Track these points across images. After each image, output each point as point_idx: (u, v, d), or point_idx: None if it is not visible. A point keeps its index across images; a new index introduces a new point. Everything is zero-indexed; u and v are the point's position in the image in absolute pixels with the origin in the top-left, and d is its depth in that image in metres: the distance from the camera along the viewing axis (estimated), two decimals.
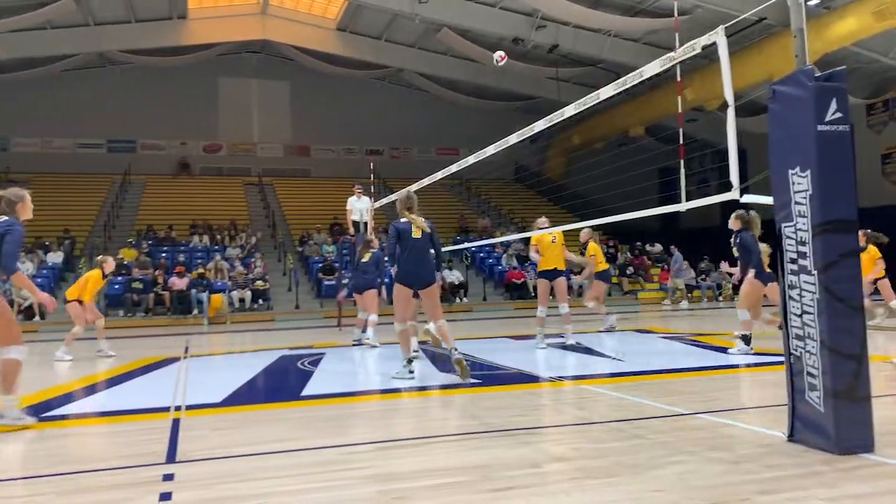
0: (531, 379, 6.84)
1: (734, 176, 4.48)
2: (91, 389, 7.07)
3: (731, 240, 8.15)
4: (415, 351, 7.57)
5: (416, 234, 6.65)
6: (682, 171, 5.24)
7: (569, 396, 5.97)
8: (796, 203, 3.73)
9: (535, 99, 30.54)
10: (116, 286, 19.27)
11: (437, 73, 30.02)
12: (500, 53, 9.84)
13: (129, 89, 29.63)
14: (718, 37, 4.55)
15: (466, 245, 19.54)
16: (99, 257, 10.95)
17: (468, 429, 4.72)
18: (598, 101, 6.05)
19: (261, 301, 19.93)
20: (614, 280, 23.88)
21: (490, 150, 7.79)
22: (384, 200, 13.91)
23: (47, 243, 21.99)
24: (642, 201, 8.31)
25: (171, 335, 14.53)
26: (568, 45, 25.00)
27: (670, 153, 23.68)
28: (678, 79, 5.64)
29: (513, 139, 7.33)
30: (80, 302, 10.21)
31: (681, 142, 5.49)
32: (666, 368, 7.45)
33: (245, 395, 6.41)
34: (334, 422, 5.21)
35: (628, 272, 24.51)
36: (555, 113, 6.69)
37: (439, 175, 9.75)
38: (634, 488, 3.21)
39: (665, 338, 10.70)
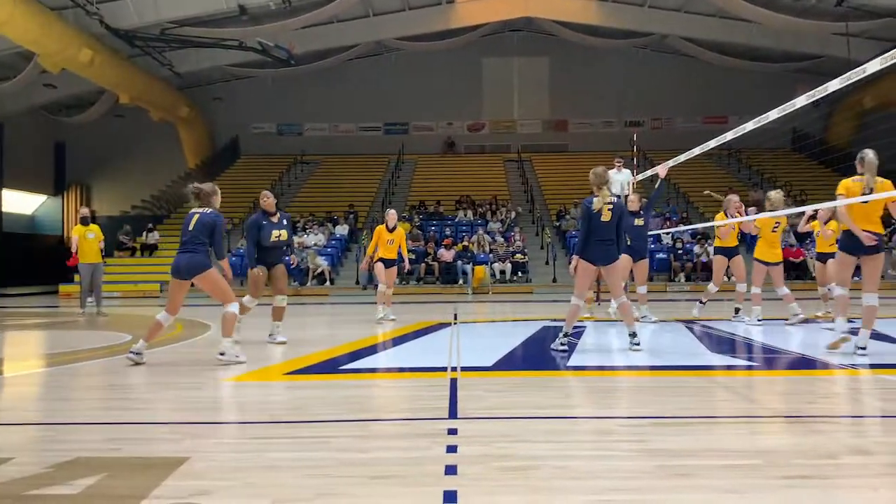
0: (818, 364, 6.24)
1: None
2: (377, 348, 7.80)
3: None
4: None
5: (606, 217, 6.73)
6: None
7: (865, 386, 5.36)
8: None
9: (818, 58, 27.56)
10: None
11: (704, 36, 28.33)
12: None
13: (401, 75, 31.89)
14: None
15: (736, 220, 18.28)
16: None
17: (748, 412, 4.47)
18: None
19: (520, 273, 20.51)
20: None
21: (773, 114, 7.15)
22: (648, 173, 13.48)
23: (335, 217, 24.52)
24: None
25: (440, 302, 15.53)
26: None
27: None
28: None
29: (800, 101, 6.66)
30: (381, 260, 10.64)
31: None
32: None
33: (513, 361, 6.67)
34: (603, 393, 5.21)
35: None
36: (853, 71, 5.96)
37: (712, 143, 9.19)
38: None
39: None
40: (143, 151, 31.58)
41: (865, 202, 6.23)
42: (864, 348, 6.35)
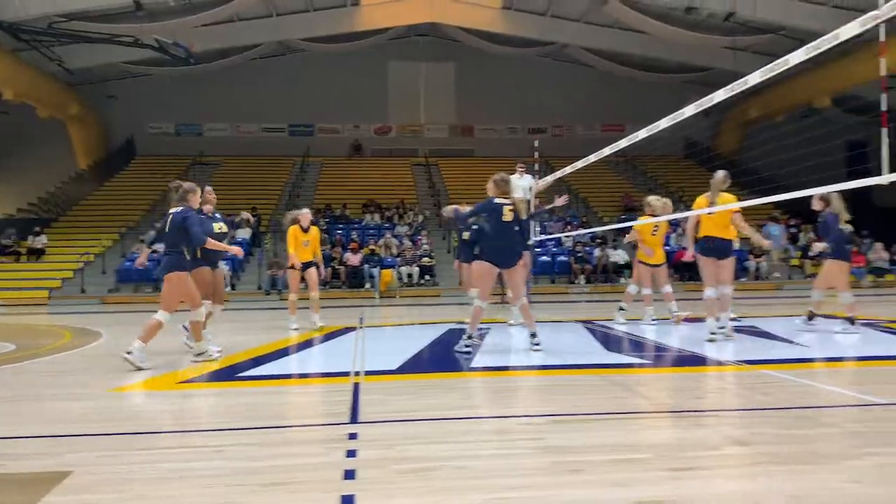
0: (705, 361, 6.58)
1: None
2: (278, 354, 7.64)
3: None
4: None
5: (508, 217, 6.93)
6: (886, 139, 4.77)
7: (748, 381, 5.67)
8: None
9: (707, 70, 29.01)
10: None
11: (603, 46, 29.27)
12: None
13: (307, 76, 31.46)
14: None
15: (630, 224, 19.00)
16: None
17: (640, 408, 4.65)
18: (786, 67, 5.64)
19: (427, 277, 20.56)
20: (795, 262, 22.34)
21: (663, 123, 7.48)
22: (549, 179, 13.79)
23: (236, 221, 23.81)
24: (826, 177, 7.82)
25: (346, 307, 15.39)
26: (746, 13, 23.50)
27: (860, 125, 21.75)
28: (882, 39, 5.13)
29: (688, 111, 6.99)
30: (292, 267, 10.07)
31: (883, 108, 5.02)
32: (856, 356, 6.94)
33: (418, 364, 6.69)
34: (504, 393, 5.31)
35: (811, 254, 22.78)
36: (736, 82, 6.31)
37: (606, 151, 9.50)
38: (828, 477, 3.02)
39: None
40: (29, 151, 29.73)
41: (711, 214, 7.54)
42: (714, 333, 7.59)
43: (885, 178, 4.69)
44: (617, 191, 29.03)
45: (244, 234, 22.92)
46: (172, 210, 6.69)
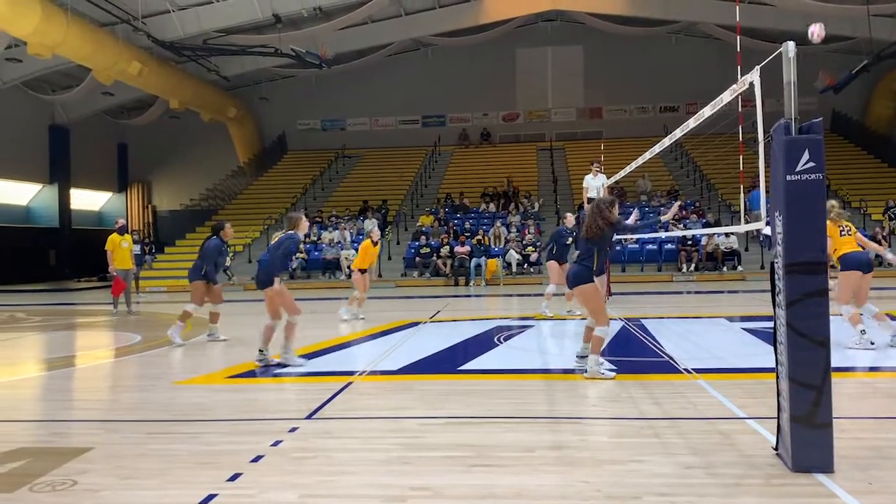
0: (669, 369, 7.19)
1: None
2: (319, 353, 8.77)
3: None
4: None
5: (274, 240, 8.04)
6: None
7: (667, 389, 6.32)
8: (777, 243, 4.02)
9: (850, 39, 27.40)
10: (412, 250, 22.34)
11: (731, 22, 28.38)
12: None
13: (438, 69, 33.14)
14: None
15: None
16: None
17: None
18: None
19: (525, 265, 21.45)
20: None
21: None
22: (613, 177, 14.13)
23: (362, 215, 25.97)
24: None
25: (441, 297, 16.75)
26: None
27: None
28: None
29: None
30: (362, 271, 12.08)
31: None
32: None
33: (421, 365, 7.70)
34: (453, 395, 6.19)
35: None
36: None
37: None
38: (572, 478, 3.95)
39: None
40: (197, 149, 33.90)
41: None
42: None
43: None
44: (749, 170, 28.15)
45: (370, 224, 24.94)
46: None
